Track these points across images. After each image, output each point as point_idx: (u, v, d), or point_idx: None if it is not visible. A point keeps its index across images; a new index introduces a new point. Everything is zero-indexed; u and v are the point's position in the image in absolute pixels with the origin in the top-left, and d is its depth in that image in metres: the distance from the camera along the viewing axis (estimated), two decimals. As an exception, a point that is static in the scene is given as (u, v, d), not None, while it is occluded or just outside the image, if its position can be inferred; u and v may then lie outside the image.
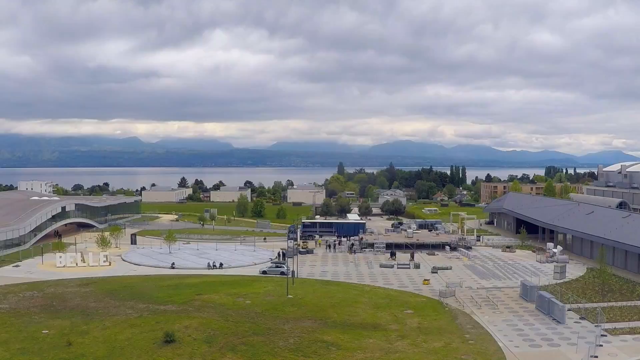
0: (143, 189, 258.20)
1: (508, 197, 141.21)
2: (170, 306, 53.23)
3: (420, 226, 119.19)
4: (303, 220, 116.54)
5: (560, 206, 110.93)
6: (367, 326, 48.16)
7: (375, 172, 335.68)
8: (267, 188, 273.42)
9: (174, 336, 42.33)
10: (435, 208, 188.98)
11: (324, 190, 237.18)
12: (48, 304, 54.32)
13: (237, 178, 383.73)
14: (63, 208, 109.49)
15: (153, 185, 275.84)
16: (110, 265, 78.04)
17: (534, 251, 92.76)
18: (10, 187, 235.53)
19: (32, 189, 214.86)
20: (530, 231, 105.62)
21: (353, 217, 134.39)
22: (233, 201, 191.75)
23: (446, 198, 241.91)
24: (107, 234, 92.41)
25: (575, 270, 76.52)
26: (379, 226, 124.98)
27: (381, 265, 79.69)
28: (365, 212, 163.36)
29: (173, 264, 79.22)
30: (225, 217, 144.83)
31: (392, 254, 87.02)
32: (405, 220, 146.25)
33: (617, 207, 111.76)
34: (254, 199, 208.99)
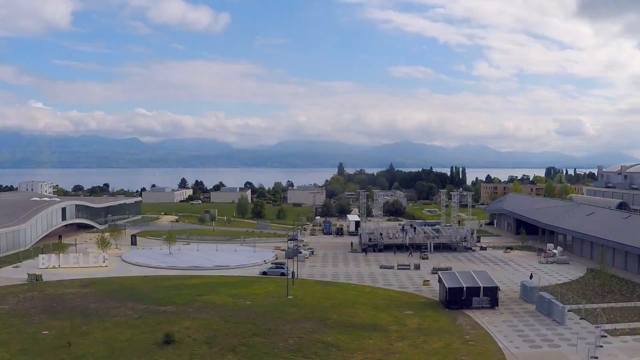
0: (143, 189, 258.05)
1: (508, 198, 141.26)
2: (171, 307, 53.26)
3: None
4: None
5: (560, 207, 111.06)
6: (367, 327, 48.18)
7: (375, 173, 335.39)
8: (267, 189, 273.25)
9: (174, 337, 42.39)
10: (435, 209, 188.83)
11: (324, 191, 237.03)
12: (48, 305, 54.38)
13: (238, 179, 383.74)
14: (63, 209, 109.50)
15: (153, 186, 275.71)
16: (107, 266, 77.85)
17: (535, 252, 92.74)
18: (11, 188, 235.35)
19: (32, 189, 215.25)
20: (530, 232, 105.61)
21: (353, 217, 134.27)
22: (233, 202, 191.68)
23: (446, 199, 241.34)
24: (107, 234, 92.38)
25: (576, 271, 76.57)
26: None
27: (381, 266, 79.77)
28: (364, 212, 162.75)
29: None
30: (225, 217, 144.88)
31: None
32: (405, 220, 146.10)
33: (617, 208, 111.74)
34: (254, 199, 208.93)
